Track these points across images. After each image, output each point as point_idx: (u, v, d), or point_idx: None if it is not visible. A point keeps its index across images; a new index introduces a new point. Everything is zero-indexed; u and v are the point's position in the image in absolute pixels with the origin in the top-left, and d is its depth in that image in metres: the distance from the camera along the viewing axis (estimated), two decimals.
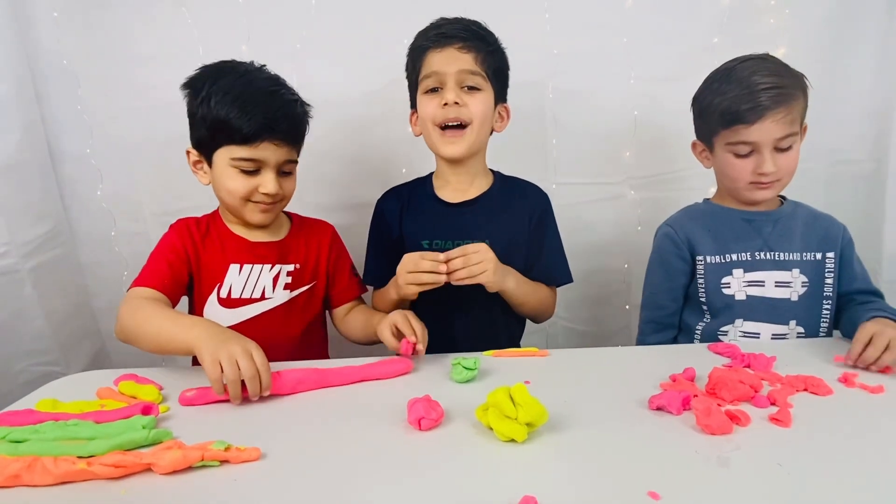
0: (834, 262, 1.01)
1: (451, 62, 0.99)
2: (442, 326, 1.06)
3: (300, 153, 1.01)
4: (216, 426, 0.68)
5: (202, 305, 0.99)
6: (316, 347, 1.11)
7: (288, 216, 1.09)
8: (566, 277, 1.11)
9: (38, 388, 0.81)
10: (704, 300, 1.04)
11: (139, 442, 0.62)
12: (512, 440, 0.61)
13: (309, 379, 0.79)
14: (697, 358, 0.85)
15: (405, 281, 0.92)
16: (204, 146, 0.96)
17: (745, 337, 1.01)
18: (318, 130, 1.04)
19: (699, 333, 1.06)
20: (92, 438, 0.61)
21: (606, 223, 1.46)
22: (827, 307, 1.01)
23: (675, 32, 1.34)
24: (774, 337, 1.00)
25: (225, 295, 0.99)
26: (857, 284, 1.02)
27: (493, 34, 1.03)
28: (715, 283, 1.02)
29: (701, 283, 1.04)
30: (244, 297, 0.99)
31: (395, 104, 1.25)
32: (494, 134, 1.08)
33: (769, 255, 1.01)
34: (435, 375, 0.83)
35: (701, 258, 1.04)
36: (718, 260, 1.02)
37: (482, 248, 0.91)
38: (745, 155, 0.97)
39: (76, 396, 0.76)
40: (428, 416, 0.65)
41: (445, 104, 0.99)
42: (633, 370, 0.83)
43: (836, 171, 1.41)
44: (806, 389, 0.74)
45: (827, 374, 0.77)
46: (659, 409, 0.69)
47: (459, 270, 0.89)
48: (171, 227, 1.01)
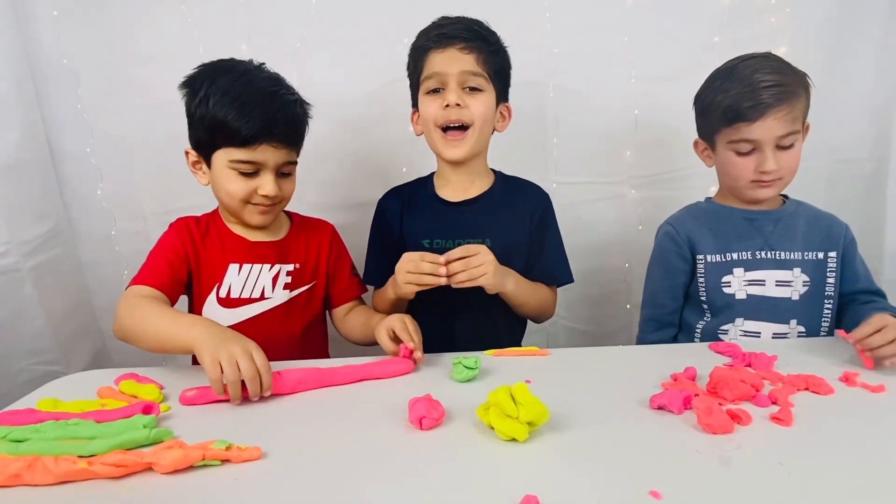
0: (836, 261, 1.01)
1: (452, 63, 0.98)
2: (442, 326, 1.06)
3: (300, 153, 1.00)
4: (217, 425, 0.68)
5: (201, 305, 0.99)
6: (316, 347, 1.11)
7: (288, 216, 1.09)
8: (567, 277, 1.11)
9: (38, 387, 0.81)
10: (705, 299, 1.04)
11: (140, 441, 0.62)
12: (513, 439, 0.61)
13: (309, 378, 0.78)
14: (698, 357, 0.85)
15: (404, 280, 0.91)
16: (202, 147, 0.95)
17: (745, 336, 1.01)
18: (318, 130, 1.04)
19: (699, 332, 1.06)
20: (93, 438, 0.61)
21: (607, 222, 1.46)
22: (828, 307, 1.01)
23: (675, 32, 1.35)
24: (775, 336, 1.00)
25: (224, 294, 0.98)
26: (860, 284, 1.02)
27: (495, 34, 1.03)
28: (715, 282, 1.02)
29: (701, 281, 1.04)
30: (243, 296, 0.99)
31: (395, 103, 1.24)
32: (495, 133, 1.08)
33: (770, 254, 1.01)
34: (436, 375, 0.83)
35: (701, 257, 1.04)
36: (719, 259, 1.02)
37: (482, 249, 0.91)
38: (746, 153, 0.97)
39: (77, 396, 0.76)
40: (429, 415, 0.65)
41: (447, 105, 0.99)
42: (634, 369, 0.83)
43: (836, 170, 1.42)
44: (807, 389, 0.74)
45: (828, 373, 0.77)
46: (660, 408, 0.69)
47: (459, 273, 0.89)
48: (170, 225, 1.01)
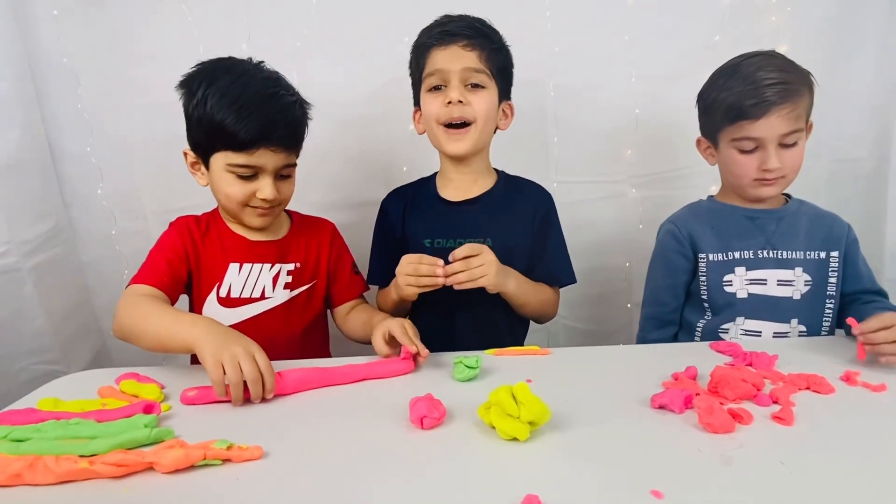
0: (838, 261, 1.01)
1: (454, 60, 0.98)
2: (443, 326, 1.06)
3: (299, 155, 1.00)
4: (218, 425, 0.68)
5: (201, 304, 0.99)
6: (317, 346, 1.11)
7: (288, 215, 1.09)
8: (569, 278, 1.10)
9: (39, 386, 0.81)
10: (706, 298, 1.04)
11: (141, 441, 0.62)
12: (514, 439, 0.61)
13: (310, 378, 0.78)
14: (699, 356, 0.85)
15: (404, 283, 0.92)
16: (200, 149, 0.94)
17: (745, 335, 1.01)
18: (318, 129, 1.04)
19: (700, 331, 1.06)
20: (93, 437, 0.61)
21: (608, 221, 1.46)
22: (829, 306, 1.01)
23: (676, 31, 1.34)
24: (776, 335, 1.00)
25: (224, 294, 0.98)
26: (862, 284, 1.01)
27: (497, 32, 1.03)
28: (717, 280, 1.02)
29: (703, 280, 1.04)
30: (244, 296, 0.99)
31: (395, 102, 1.24)
32: (495, 133, 1.08)
33: (772, 253, 1.01)
34: (436, 374, 0.83)
35: (703, 256, 1.03)
36: (721, 258, 1.02)
37: (484, 250, 0.91)
38: (749, 151, 0.96)
39: (77, 395, 0.76)
40: (430, 414, 0.65)
41: (449, 102, 0.99)
42: (634, 369, 0.83)
43: (837, 169, 1.41)
44: (808, 388, 0.74)
45: (829, 372, 0.77)
46: (661, 407, 0.69)
47: (460, 274, 0.89)
48: (170, 224, 1.00)
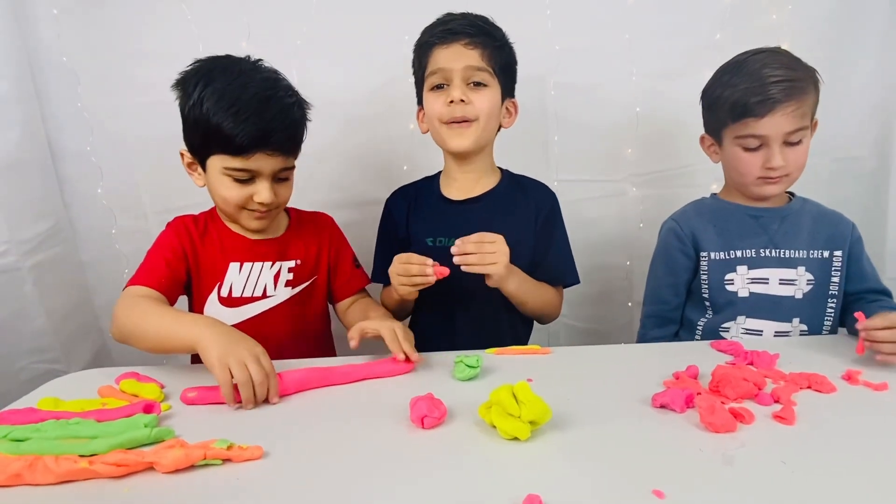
0: (841, 260, 1.00)
1: (456, 59, 0.98)
2: (444, 324, 1.06)
3: (298, 156, 0.98)
4: (218, 425, 0.68)
5: (202, 305, 0.98)
6: (321, 344, 1.10)
7: (286, 212, 1.08)
8: (573, 278, 1.10)
9: (39, 386, 0.81)
10: (707, 296, 1.04)
11: (141, 440, 0.62)
12: (515, 438, 0.61)
13: (311, 378, 0.78)
14: (700, 355, 0.85)
15: (397, 283, 0.93)
16: (196, 150, 0.93)
17: (746, 334, 1.00)
18: (318, 128, 1.03)
19: (701, 329, 1.05)
20: (93, 437, 0.61)
21: (608, 220, 1.45)
22: (832, 305, 1.00)
23: (677, 28, 1.34)
24: (777, 334, 0.99)
25: (226, 294, 0.98)
26: (867, 283, 1.01)
27: (500, 29, 1.02)
28: (718, 279, 1.02)
29: (704, 279, 1.04)
30: (245, 295, 0.99)
31: (396, 101, 1.24)
32: (499, 130, 1.07)
33: (774, 252, 1.00)
34: (437, 373, 0.82)
35: (705, 254, 1.03)
36: (723, 256, 1.02)
37: (499, 239, 0.90)
38: (753, 149, 0.96)
39: (77, 395, 0.76)
40: (431, 414, 0.65)
41: (451, 102, 0.98)
42: (635, 368, 0.83)
43: (838, 168, 1.41)
44: (809, 387, 0.74)
45: (830, 371, 0.77)
46: (662, 406, 0.69)
47: (471, 256, 0.88)
48: (168, 225, 1.00)
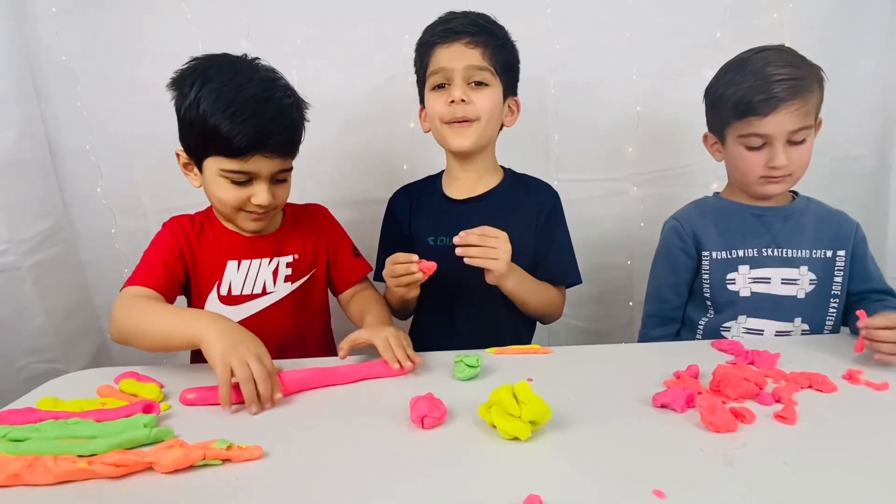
0: (844, 260, 0.99)
1: (458, 58, 0.98)
2: (444, 324, 1.06)
3: (296, 157, 0.97)
4: (218, 425, 0.68)
5: (202, 304, 0.98)
6: (322, 338, 1.10)
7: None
8: (575, 278, 1.09)
9: (38, 385, 0.81)
10: (709, 295, 1.04)
11: (140, 440, 0.62)
12: (515, 438, 0.61)
13: (310, 378, 0.78)
14: (701, 355, 0.85)
15: (390, 284, 0.93)
16: (192, 151, 0.92)
17: (748, 333, 1.00)
18: (319, 128, 1.03)
19: (702, 328, 1.05)
20: (93, 437, 0.61)
21: (609, 219, 1.45)
22: (834, 305, 1.00)
23: (677, 27, 1.33)
24: (778, 334, 0.99)
25: (225, 292, 0.98)
26: (871, 283, 1.00)
27: (502, 28, 1.02)
28: (720, 278, 1.01)
29: (706, 278, 1.03)
30: (245, 293, 0.98)
31: (396, 100, 1.24)
32: (501, 129, 1.07)
33: (776, 251, 1.00)
34: (437, 373, 0.82)
35: (707, 254, 1.02)
36: (724, 256, 1.01)
37: (502, 235, 0.90)
38: (757, 148, 0.95)
39: (77, 395, 0.76)
40: (431, 414, 0.65)
41: (452, 101, 0.98)
42: (636, 367, 0.83)
43: (838, 167, 1.40)
44: (811, 386, 0.74)
45: (832, 371, 0.77)
46: (663, 406, 0.69)
47: (474, 248, 0.88)
48: (164, 225, 1.00)
